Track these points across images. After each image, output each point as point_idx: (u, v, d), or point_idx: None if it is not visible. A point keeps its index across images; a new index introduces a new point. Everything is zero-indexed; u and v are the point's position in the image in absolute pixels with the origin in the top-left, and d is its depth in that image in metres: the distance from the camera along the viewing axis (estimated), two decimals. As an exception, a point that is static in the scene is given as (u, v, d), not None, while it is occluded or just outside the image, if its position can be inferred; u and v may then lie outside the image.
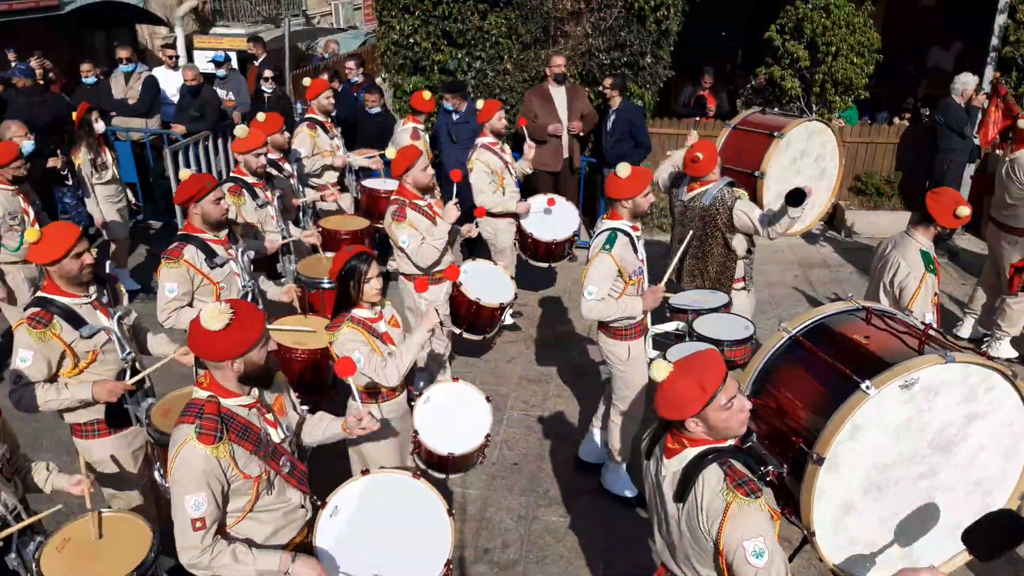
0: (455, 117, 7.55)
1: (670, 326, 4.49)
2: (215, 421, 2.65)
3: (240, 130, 5.19)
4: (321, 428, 3.19)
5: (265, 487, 2.79)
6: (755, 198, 5.24)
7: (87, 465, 3.35)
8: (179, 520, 2.63)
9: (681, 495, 2.46)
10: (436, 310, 4.36)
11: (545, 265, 6.42)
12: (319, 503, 3.02)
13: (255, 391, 2.83)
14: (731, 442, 2.49)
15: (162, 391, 3.85)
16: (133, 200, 7.48)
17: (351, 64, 8.95)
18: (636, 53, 8.23)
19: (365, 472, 3.20)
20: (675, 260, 4.63)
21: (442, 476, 3.89)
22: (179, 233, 4.28)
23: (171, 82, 9.58)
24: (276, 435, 2.91)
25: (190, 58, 14.49)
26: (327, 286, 4.86)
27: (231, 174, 5.38)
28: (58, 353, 3.44)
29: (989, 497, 3.08)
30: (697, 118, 9.43)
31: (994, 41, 8.43)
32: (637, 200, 4.16)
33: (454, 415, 3.85)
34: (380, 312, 3.74)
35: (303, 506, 2.98)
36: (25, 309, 3.50)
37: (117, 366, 3.63)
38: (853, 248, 8.66)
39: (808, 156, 5.56)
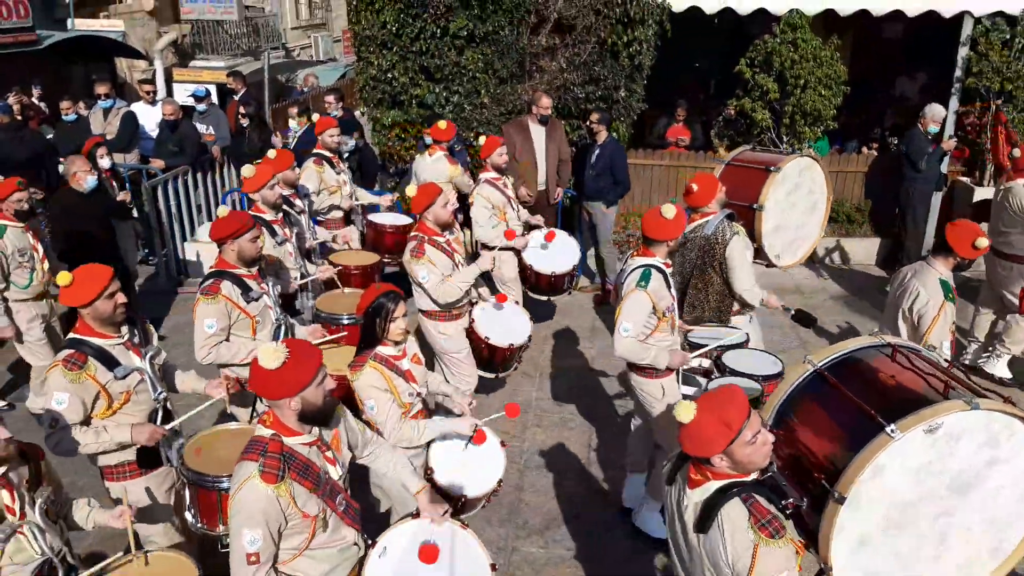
0: (435, 151, 7.67)
1: (694, 362, 4.49)
2: (278, 460, 2.69)
3: (247, 170, 5.23)
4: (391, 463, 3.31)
5: (321, 526, 2.82)
6: (753, 229, 5.40)
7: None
8: (235, 553, 2.67)
9: (702, 527, 2.53)
10: (494, 259, 4.52)
11: (545, 298, 6.49)
12: (369, 542, 3.05)
13: (315, 429, 2.87)
14: (753, 476, 2.55)
15: (188, 428, 3.89)
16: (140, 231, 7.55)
17: (330, 99, 9.07)
18: (610, 87, 8.41)
19: (416, 515, 3.20)
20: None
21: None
22: (212, 270, 4.30)
23: (150, 117, 9.63)
24: (335, 472, 2.94)
25: (169, 91, 14.58)
26: (347, 322, 4.87)
27: (251, 213, 5.34)
28: (92, 394, 3.44)
29: (1002, 534, 3.06)
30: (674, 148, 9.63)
31: (958, 73, 8.68)
32: (678, 240, 4.24)
33: (468, 457, 3.80)
34: (404, 349, 3.74)
35: (356, 544, 3.00)
36: (59, 349, 3.49)
37: (149, 406, 3.64)
38: (825, 275, 8.83)
39: (801, 189, 5.74)
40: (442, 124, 6.89)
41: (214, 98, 10.52)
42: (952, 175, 9.07)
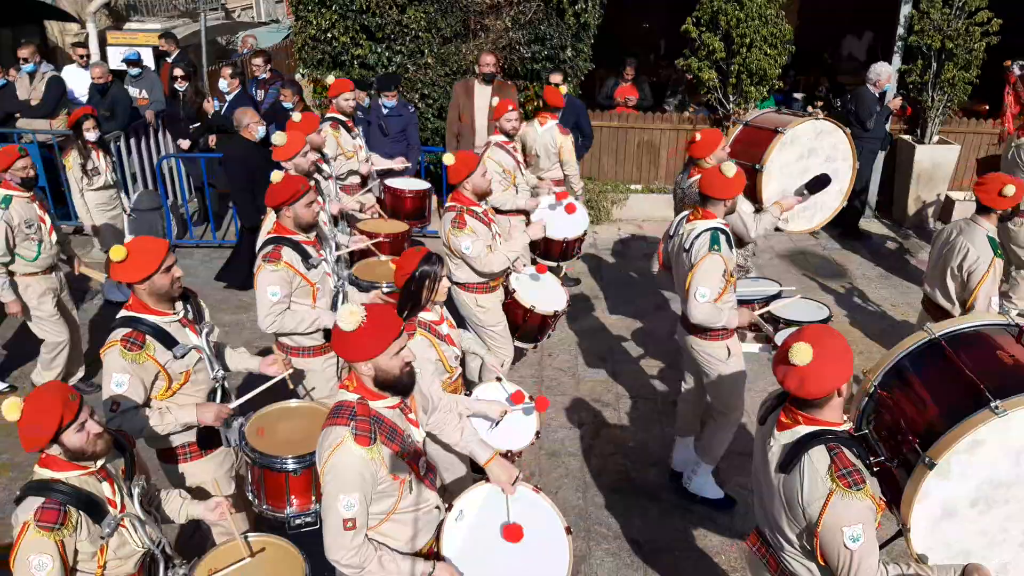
0: (385, 111, 7.50)
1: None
2: (368, 423, 2.64)
3: (278, 137, 5.03)
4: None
5: (408, 489, 2.76)
6: (755, 191, 5.33)
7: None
8: (331, 520, 2.60)
9: (785, 468, 2.59)
10: (543, 227, 4.60)
11: (555, 264, 6.41)
12: (445, 507, 3.00)
13: None
14: (846, 427, 2.61)
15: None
16: (127, 206, 7.24)
17: (258, 61, 8.76)
18: (556, 46, 8.27)
19: (488, 480, 3.12)
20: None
21: None
22: (271, 236, 4.13)
23: (83, 82, 9.21)
24: (417, 435, 2.89)
25: (103, 55, 13.92)
26: (387, 290, 4.72)
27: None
28: (152, 375, 3.26)
29: None
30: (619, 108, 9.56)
31: (900, 31, 8.72)
32: (735, 201, 4.18)
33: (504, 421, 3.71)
34: (441, 314, 3.69)
35: (438, 507, 2.95)
36: (111, 329, 3.27)
37: (208, 385, 3.49)
38: (771, 235, 8.86)
39: (817, 155, 5.55)
40: (561, 87, 6.69)
41: (148, 61, 10.09)
42: (894, 133, 9.16)
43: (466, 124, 7.47)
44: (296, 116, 5.81)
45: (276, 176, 4.17)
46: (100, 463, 2.70)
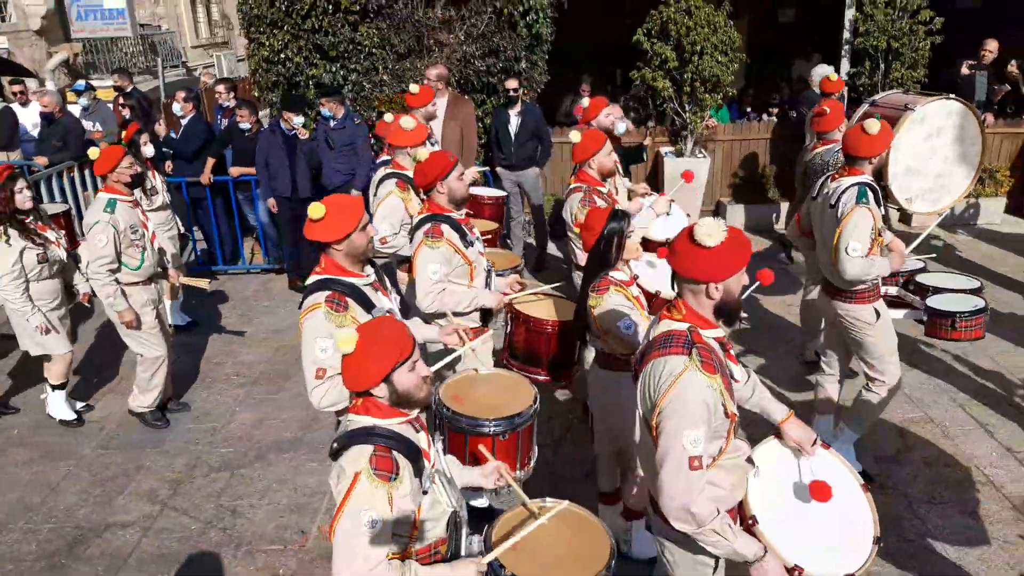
0: (332, 124, 7.42)
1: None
2: (709, 352, 2.41)
3: (406, 121, 4.88)
4: None
5: (734, 429, 2.51)
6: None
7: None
8: (672, 460, 2.36)
9: None
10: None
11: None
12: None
13: (721, 322, 2.57)
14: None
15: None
16: (183, 229, 7.07)
17: (221, 88, 8.71)
18: (511, 58, 8.31)
19: (777, 435, 2.88)
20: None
21: None
22: (426, 214, 3.96)
23: (27, 118, 9.10)
24: (739, 374, 2.73)
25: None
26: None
27: (389, 170, 4.92)
28: None
29: None
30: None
31: (846, 35, 8.93)
32: (883, 157, 4.12)
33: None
34: (631, 276, 3.57)
35: (749, 459, 2.67)
36: (308, 293, 3.12)
37: None
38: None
39: (945, 135, 5.52)
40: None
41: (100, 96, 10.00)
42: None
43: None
44: (414, 88, 5.79)
45: (422, 154, 4.05)
46: (415, 413, 2.43)
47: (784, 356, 6.04)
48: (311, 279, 3.18)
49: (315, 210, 2.99)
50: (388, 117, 5.61)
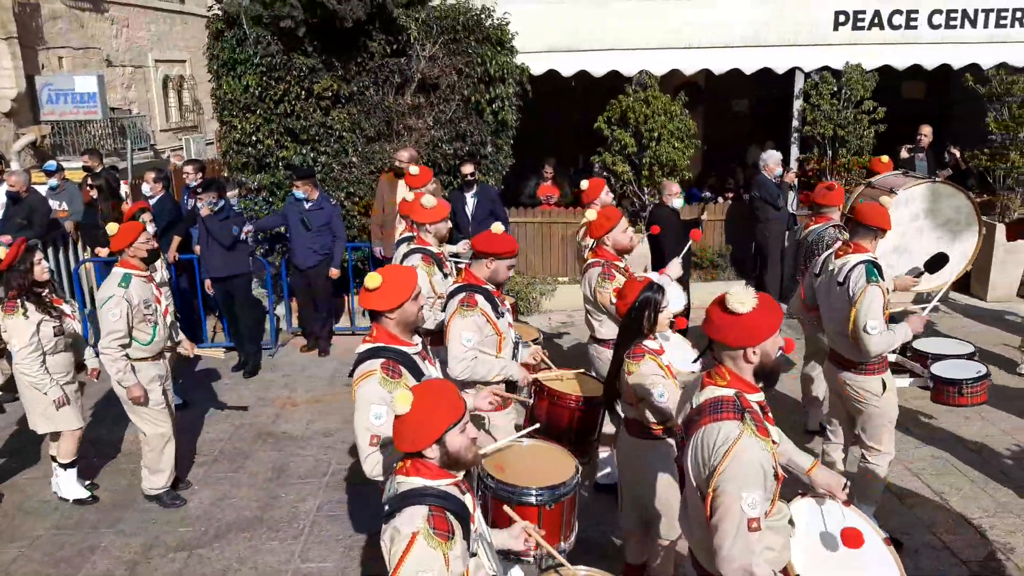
0: (307, 205, 7.59)
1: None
2: (758, 415, 2.51)
3: (428, 199, 5.04)
4: None
5: (779, 491, 2.59)
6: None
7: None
8: (731, 523, 2.40)
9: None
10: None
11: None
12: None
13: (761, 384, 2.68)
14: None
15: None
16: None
17: (189, 169, 8.85)
18: (477, 143, 8.61)
19: (803, 493, 3.04)
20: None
21: None
22: (461, 284, 4.06)
23: (-6, 195, 9.09)
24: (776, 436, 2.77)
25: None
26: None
27: (414, 245, 5.07)
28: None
29: None
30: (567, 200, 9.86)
31: (795, 123, 9.42)
32: (887, 231, 4.31)
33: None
34: (660, 346, 3.65)
35: (791, 521, 2.72)
36: (360, 360, 3.15)
37: None
38: (697, 318, 9.03)
39: (935, 216, 5.75)
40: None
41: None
42: (801, 219, 9.65)
43: (389, 215, 7.62)
44: (414, 169, 6.22)
45: (497, 228, 4.22)
46: (462, 473, 2.44)
47: (784, 424, 6.11)
48: (362, 347, 3.22)
49: (371, 279, 3.06)
50: (409, 196, 5.88)
